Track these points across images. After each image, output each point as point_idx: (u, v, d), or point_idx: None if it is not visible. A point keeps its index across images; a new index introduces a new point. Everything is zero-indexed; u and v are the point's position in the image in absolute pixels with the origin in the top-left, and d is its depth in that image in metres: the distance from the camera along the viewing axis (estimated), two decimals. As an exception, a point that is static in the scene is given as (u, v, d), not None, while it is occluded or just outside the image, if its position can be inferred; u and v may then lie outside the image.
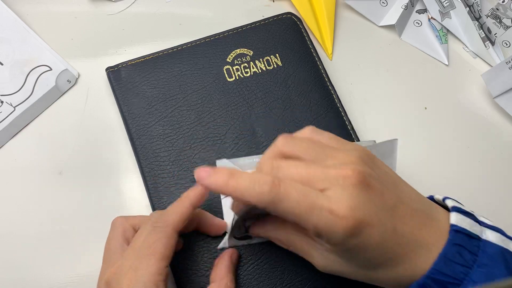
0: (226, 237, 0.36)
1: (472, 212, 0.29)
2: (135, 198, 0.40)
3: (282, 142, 0.29)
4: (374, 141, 0.39)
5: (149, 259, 0.29)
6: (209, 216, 0.36)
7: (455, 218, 0.27)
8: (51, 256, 0.38)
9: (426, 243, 0.27)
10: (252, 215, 0.33)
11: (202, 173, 0.28)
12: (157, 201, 0.38)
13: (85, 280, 0.37)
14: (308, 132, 0.30)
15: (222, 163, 0.36)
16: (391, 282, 0.28)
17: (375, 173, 0.27)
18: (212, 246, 0.36)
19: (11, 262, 0.38)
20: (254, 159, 0.37)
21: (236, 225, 0.33)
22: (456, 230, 0.27)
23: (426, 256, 0.27)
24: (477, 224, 0.28)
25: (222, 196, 0.36)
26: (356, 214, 0.25)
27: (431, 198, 0.31)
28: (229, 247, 0.36)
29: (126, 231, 0.33)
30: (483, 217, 0.30)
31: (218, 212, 0.37)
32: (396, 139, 0.35)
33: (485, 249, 0.27)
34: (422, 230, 0.27)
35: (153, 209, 0.38)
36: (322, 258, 0.29)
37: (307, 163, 0.27)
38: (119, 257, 0.30)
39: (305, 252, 0.31)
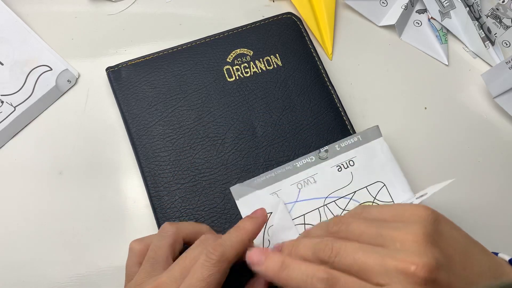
0: None
1: None
2: (135, 198, 0.40)
3: (333, 226, 0.28)
4: (377, 126, 0.39)
5: None
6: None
7: None
8: (51, 256, 0.38)
9: None
10: None
11: (254, 258, 0.28)
12: (157, 201, 0.38)
13: (85, 280, 0.37)
14: (358, 209, 0.28)
15: (236, 189, 0.37)
16: None
17: (441, 254, 0.24)
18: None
19: (11, 262, 0.38)
20: (267, 175, 0.37)
21: None
22: None
23: None
24: None
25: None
26: None
27: (496, 254, 0.28)
28: None
29: (176, 243, 0.31)
30: None
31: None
32: (376, 125, 0.36)
33: None
34: None
35: (153, 209, 0.38)
36: None
37: (365, 250, 0.25)
38: (161, 270, 0.29)
39: None
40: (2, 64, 0.43)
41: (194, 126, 0.40)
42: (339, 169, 0.38)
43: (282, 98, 0.42)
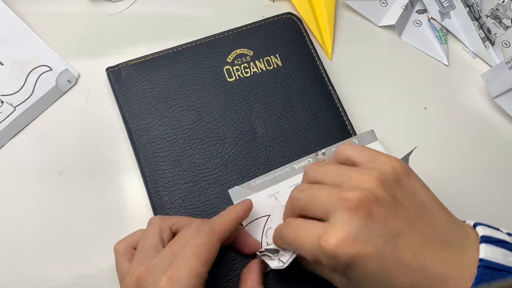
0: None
1: (509, 235, 0.27)
2: (135, 198, 0.40)
3: (309, 170, 0.30)
4: (372, 130, 0.39)
5: (193, 260, 0.28)
6: (246, 234, 0.35)
7: (484, 251, 0.25)
8: (51, 256, 0.38)
9: (444, 276, 0.24)
10: None
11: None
12: (157, 201, 0.38)
13: (85, 280, 0.37)
14: (340, 149, 0.30)
15: (234, 191, 0.37)
16: None
17: (389, 196, 0.26)
18: (238, 259, 0.36)
19: (11, 262, 0.38)
20: (265, 177, 0.37)
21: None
22: (485, 266, 0.24)
23: None
24: None
25: (244, 224, 0.36)
26: (346, 244, 0.24)
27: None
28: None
29: (163, 231, 0.31)
30: None
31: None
32: (372, 130, 0.37)
33: None
34: (442, 261, 0.25)
35: (153, 209, 0.38)
36: (339, 281, 0.29)
37: (321, 187, 0.28)
38: (153, 256, 0.29)
39: (326, 275, 0.31)
40: (2, 64, 0.43)
41: (194, 126, 0.40)
42: None
43: (282, 98, 0.42)
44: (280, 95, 0.42)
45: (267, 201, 0.37)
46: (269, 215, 0.36)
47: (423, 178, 0.30)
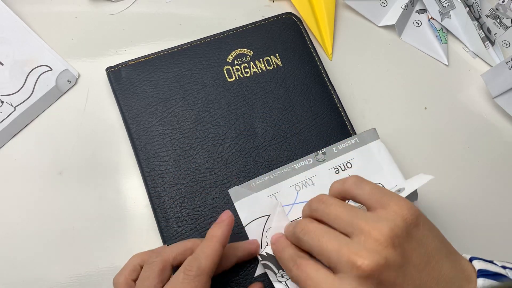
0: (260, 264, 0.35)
1: (506, 267, 0.28)
2: (135, 198, 0.40)
3: (315, 205, 0.30)
4: (374, 128, 0.39)
5: None
6: (242, 245, 0.35)
7: (482, 285, 0.26)
8: (51, 256, 0.38)
9: None
10: None
11: (273, 239, 0.34)
12: (157, 201, 0.38)
13: (85, 280, 0.37)
14: (348, 184, 0.30)
15: (234, 191, 0.37)
16: None
17: (399, 256, 0.26)
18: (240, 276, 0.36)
19: (11, 262, 0.38)
20: (265, 177, 0.37)
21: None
22: None
23: None
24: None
25: (244, 224, 0.36)
26: None
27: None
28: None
29: (164, 270, 0.31)
30: None
31: (243, 237, 0.36)
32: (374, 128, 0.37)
33: None
34: None
35: (153, 209, 0.38)
36: None
37: (330, 236, 0.28)
38: None
39: None
40: (2, 64, 0.43)
41: (194, 126, 0.40)
42: (337, 171, 0.38)
43: (282, 98, 0.42)
44: (280, 95, 0.42)
45: (267, 201, 0.37)
46: (269, 215, 0.36)
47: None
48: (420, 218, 0.28)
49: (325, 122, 0.41)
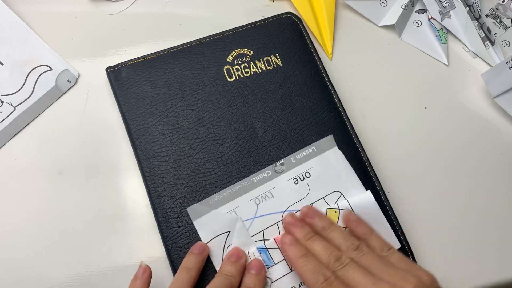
0: None
1: None
2: (135, 198, 0.40)
3: (335, 257, 0.32)
4: (331, 135, 0.40)
5: None
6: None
7: None
8: (51, 256, 0.38)
9: None
10: None
11: (286, 239, 0.34)
12: (157, 201, 0.38)
13: (85, 280, 0.37)
14: (385, 246, 0.33)
15: (193, 209, 0.37)
16: None
17: None
18: None
19: (11, 262, 0.38)
20: (224, 193, 0.37)
21: None
22: None
23: None
24: None
25: (204, 242, 0.36)
26: None
27: None
28: None
29: None
30: None
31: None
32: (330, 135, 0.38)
33: None
34: None
35: (153, 209, 0.38)
36: None
37: None
38: None
39: None
40: (2, 64, 0.43)
41: (194, 126, 0.40)
42: (296, 182, 0.38)
43: (282, 98, 0.42)
44: (280, 95, 0.42)
45: (226, 217, 0.36)
46: (229, 232, 0.36)
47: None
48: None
49: (325, 122, 0.41)
